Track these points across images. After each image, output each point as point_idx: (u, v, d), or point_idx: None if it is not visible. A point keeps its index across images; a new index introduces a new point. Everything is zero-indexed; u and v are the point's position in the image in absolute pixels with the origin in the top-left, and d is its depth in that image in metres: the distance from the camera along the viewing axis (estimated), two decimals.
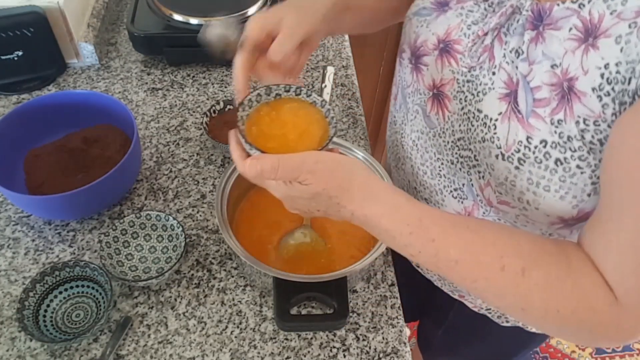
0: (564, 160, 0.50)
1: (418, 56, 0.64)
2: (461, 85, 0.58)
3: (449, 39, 0.59)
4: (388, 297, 0.70)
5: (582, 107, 0.47)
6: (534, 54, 0.51)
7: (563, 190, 0.52)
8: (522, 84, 0.51)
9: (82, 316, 0.65)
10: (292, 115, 0.56)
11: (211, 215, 0.77)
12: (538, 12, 0.51)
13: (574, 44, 0.48)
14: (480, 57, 0.56)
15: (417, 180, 0.70)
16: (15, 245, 0.72)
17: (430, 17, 0.62)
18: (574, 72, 0.48)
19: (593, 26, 0.47)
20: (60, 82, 0.96)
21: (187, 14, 0.96)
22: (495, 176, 0.57)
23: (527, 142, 0.51)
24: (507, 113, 0.53)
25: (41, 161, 0.76)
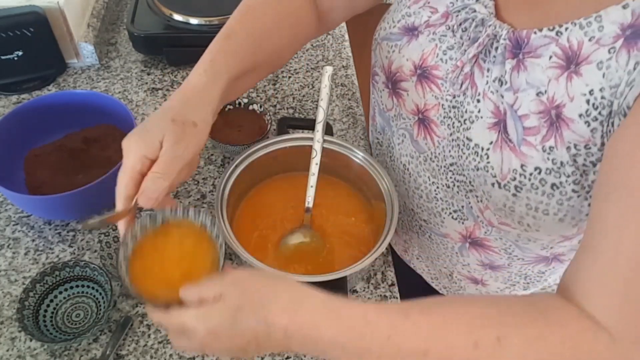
0: (559, 184, 0.50)
1: (395, 81, 0.63)
2: (447, 111, 0.58)
3: (426, 65, 0.59)
4: (388, 297, 0.70)
5: (572, 133, 0.48)
6: (517, 82, 0.51)
7: (562, 213, 0.52)
8: (509, 113, 0.51)
9: (82, 316, 0.65)
10: (179, 244, 0.52)
11: (211, 215, 0.77)
12: (516, 40, 0.51)
13: (557, 71, 0.48)
14: (462, 84, 0.56)
15: (414, 202, 0.70)
16: (15, 245, 0.72)
17: (401, 42, 0.62)
18: (561, 99, 0.48)
19: (573, 53, 0.47)
20: (60, 82, 0.96)
21: (187, 14, 0.96)
22: (493, 202, 0.56)
23: (522, 170, 0.51)
24: (498, 142, 0.53)
25: (41, 161, 0.76)
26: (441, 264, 0.76)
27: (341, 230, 0.72)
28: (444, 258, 0.74)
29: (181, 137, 0.50)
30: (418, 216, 0.71)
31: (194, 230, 0.53)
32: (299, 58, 1.05)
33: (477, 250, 0.67)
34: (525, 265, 0.67)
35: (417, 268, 0.82)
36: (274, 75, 1.01)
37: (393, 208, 0.66)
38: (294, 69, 1.02)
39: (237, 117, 0.87)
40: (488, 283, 0.73)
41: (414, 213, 0.72)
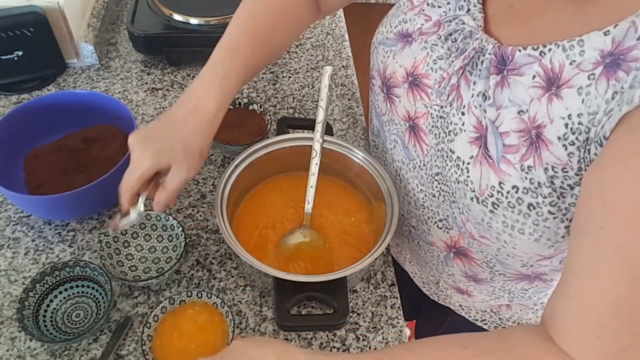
0: (536, 204, 0.50)
1: (389, 87, 0.64)
2: (435, 120, 0.58)
3: (417, 73, 0.59)
4: (388, 297, 0.70)
5: (550, 154, 0.47)
6: (500, 98, 0.51)
7: (537, 234, 0.52)
8: (491, 129, 0.51)
9: (82, 316, 0.65)
10: (193, 322, 0.63)
11: (211, 215, 0.77)
12: (501, 56, 0.51)
13: (539, 91, 0.48)
14: (448, 95, 0.56)
15: (404, 208, 0.70)
16: (15, 245, 0.72)
17: (395, 48, 0.62)
18: (541, 120, 0.48)
19: (555, 75, 0.47)
20: (60, 82, 0.96)
21: (187, 14, 0.96)
22: (472, 216, 0.57)
23: (500, 187, 0.51)
24: (479, 157, 0.53)
25: (41, 161, 0.76)
26: (429, 271, 0.76)
27: (341, 230, 0.72)
28: (430, 266, 0.74)
29: (190, 165, 0.58)
30: (407, 222, 0.72)
31: (207, 308, 0.64)
32: (299, 58, 1.05)
33: (461, 260, 0.67)
34: (507, 281, 0.67)
35: (410, 272, 0.82)
36: (274, 75, 1.01)
37: (393, 208, 0.66)
38: (294, 69, 1.02)
39: (237, 117, 0.87)
40: (473, 294, 0.73)
41: (404, 219, 0.72)
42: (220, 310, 0.63)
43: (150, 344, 0.60)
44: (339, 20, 1.15)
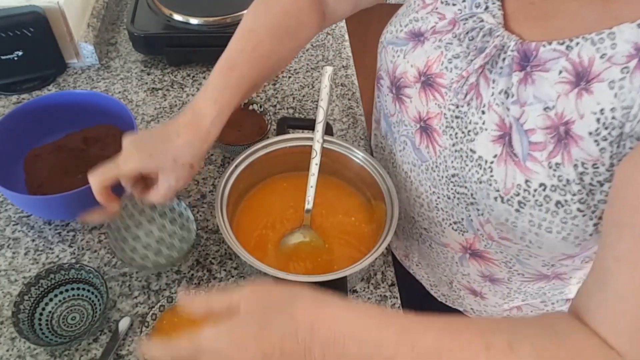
0: (564, 202, 0.49)
1: (399, 87, 0.62)
2: (450, 121, 0.57)
3: (430, 72, 0.58)
4: (388, 297, 0.70)
5: (580, 150, 0.46)
6: (524, 95, 0.50)
7: (565, 232, 0.51)
8: (515, 127, 0.50)
9: (78, 319, 0.65)
10: (192, 321, 0.59)
11: (211, 215, 0.77)
12: (524, 53, 0.50)
13: (566, 87, 0.47)
14: (466, 95, 0.54)
15: (415, 211, 0.69)
16: (15, 245, 0.72)
17: (406, 48, 0.60)
18: (570, 116, 0.47)
19: (584, 69, 0.46)
20: (60, 82, 0.96)
21: (187, 14, 0.96)
22: (495, 216, 0.55)
23: (527, 186, 0.50)
24: (502, 156, 0.52)
25: (41, 161, 0.76)
26: (441, 272, 0.75)
27: (341, 230, 0.72)
28: (443, 267, 0.73)
29: (179, 176, 0.59)
30: (419, 224, 0.71)
31: None
32: (299, 58, 1.05)
33: (477, 261, 0.66)
34: (525, 282, 0.66)
35: (417, 274, 0.81)
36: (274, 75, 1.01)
37: (393, 208, 0.66)
38: (294, 69, 1.02)
39: (237, 117, 0.87)
40: (487, 296, 0.72)
41: (414, 221, 0.71)
42: None
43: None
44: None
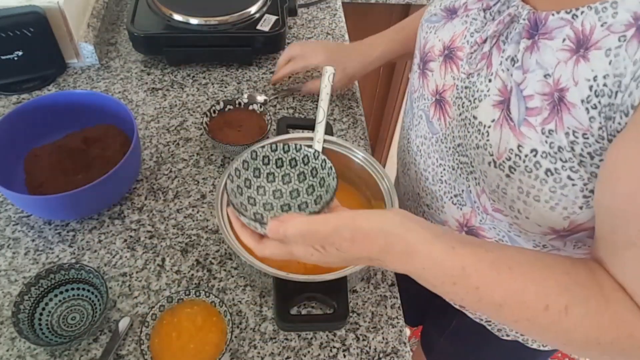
0: (554, 170, 0.50)
1: (425, 61, 0.65)
2: (459, 91, 0.59)
3: (453, 46, 0.60)
4: (388, 297, 0.70)
5: (572, 118, 0.47)
6: (528, 62, 0.51)
7: (553, 201, 0.52)
8: (515, 91, 0.52)
9: (78, 319, 0.65)
10: (191, 321, 0.62)
11: (211, 215, 0.77)
12: (534, 22, 0.51)
13: (566, 54, 0.48)
14: (478, 63, 0.56)
15: (420, 186, 0.71)
16: (15, 245, 0.72)
17: (438, 24, 0.63)
18: (565, 83, 0.48)
19: (585, 37, 0.47)
20: (60, 82, 0.96)
21: (187, 14, 0.96)
22: (488, 183, 0.57)
23: (518, 151, 0.51)
24: (499, 120, 0.53)
25: (41, 161, 0.76)
26: None
27: None
28: None
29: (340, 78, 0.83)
30: (422, 201, 0.72)
31: (205, 307, 0.63)
32: None
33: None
34: None
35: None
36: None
37: (393, 208, 0.66)
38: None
39: (237, 117, 0.87)
40: None
41: (419, 198, 0.72)
42: (218, 309, 0.63)
43: (149, 343, 0.60)
44: (339, 20, 1.15)
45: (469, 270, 0.46)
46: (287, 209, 0.55)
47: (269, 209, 0.54)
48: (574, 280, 0.47)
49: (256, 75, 1.00)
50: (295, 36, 1.10)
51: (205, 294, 0.64)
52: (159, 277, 0.70)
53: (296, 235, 0.44)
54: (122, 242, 0.73)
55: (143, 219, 0.76)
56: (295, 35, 1.10)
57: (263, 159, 0.53)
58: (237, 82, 0.99)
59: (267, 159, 0.54)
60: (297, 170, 0.55)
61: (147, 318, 0.61)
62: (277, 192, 0.55)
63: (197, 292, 0.64)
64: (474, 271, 0.46)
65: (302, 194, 0.55)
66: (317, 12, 1.17)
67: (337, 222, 0.45)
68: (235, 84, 0.98)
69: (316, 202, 0.57)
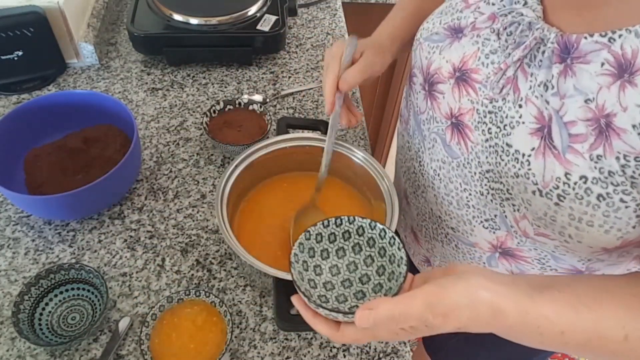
0: (606, 195, 0.48)
1: (432, 83, 0.62)
2: (482, 116, 0.57)
3: (466, 68, 0.58)
4: None
5: (622, 143, 0.46)
6: (564, 87, 0.49)
7: (608, 225, 0.50)
8: (555, 119, 0.50)
9: (78, 319, 0.65)
10: (191, 321, 0.62)
11: (211, 215, 0.77)
12: (564, 45, 0.49)
13: (608, 79, 0.46)
14: (502, 89, 0.54)
15: (442, 209, 0.68)
16: (15, 245, 0.72)
17: (443, 44, 0.61)
18: (612, 108, 0.46)
19: (627, 62, 0.45)
20: (60, 82, 0.96)
21: (187, 14, 0.96)
22: (532, 211, 0.55)
23: (566, 179, 0.49)
24: (540, 149, 0.51)
25: (41, 161, 0.76)
26: None
27: None
28: None
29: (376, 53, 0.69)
30: (445, 224, 0.70)
31: (205, 307, 0.64)
32: (299, 58, 1.05)
33: (507, 260, 0.66)
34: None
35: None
36: (274, 75, 1.01)
37: (393, 208, 0.66)
38: (294, 69, 1.02)
39: (237, 117, 0.87)
40: None
41: (441, 220, 0.70)
42: (218, 309, 0.63)
43: (149, 343, 0.60)
44: (339, 20, 1.15)
45: (552, 318, 0.45)
46: (348, 284, 0.52)
47: (330, 288, 0.52)
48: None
49: (256, 75, 1.00)
50: (295, 36, 1.10)
51: (205, 294, 0.64)
52: (159, 277, 0.70)
53: (387, 321, 0.42)
54: (122, 242, 0.73)
55: (143, 219, 0.76)
56: (295, 35, 1.10)
57: (316, 237, 0.52)
58: (237, 82, 0.99)
59: (320, 236, 0.52)
60: (351, 242, 0.53)
61: (147, 318, 0.61)
62: (334, 268, 0.53)
63: (197, 292, 0.64)
64: (557, 317, 0.45)
65: (360, 267, 0.53)
66: (317, 12, 1.17)
67: (426, 300, 0.42)
68: (235, 84, 0.98)
69: (378, 272, 0.53)
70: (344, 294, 0.52)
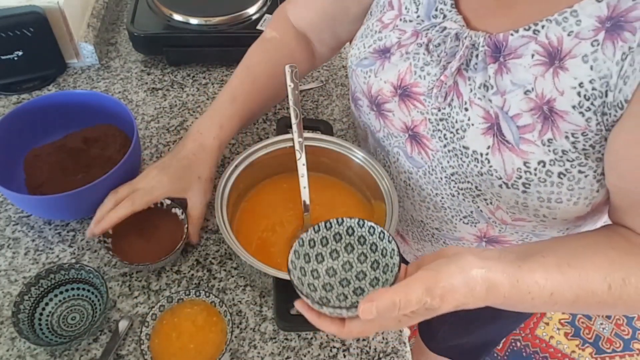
0: (565, 172, 0.51)
1: (378, 104, 0.64)
2: (435, 125, 0.59)
3: (405, 84, 0.60)
4: None
5: (567, 124, 0.49)
6: (502, 84, 0.51)
7: (575, 197, 0.53)
8: (501, 115, 0.52)
9: (78, 319, 0.65)
10: (191, 322, 0.62)
11: (211, 215, 0.77)
12: (494, 45, 0.52)
13: (541, 68, 0.49)
14: (446, 96, 0.56)
15: (422, 214, 0.71)
16: (15, 245, 0.72)
17: (374, 67, 0.63)
18: (550, 94, 0.49)
19: (554, 49, 0.48)
20: (60, 82, 0.96)
21: (187, 14, 0.96)
22: (504, 202, 0.57)
23: (526, 167, 0.52)
24: (495, 145, 0.53)
25: (41, 161, 0.76)
26: None
27: None
28: None
29: (206, 189, 0.69)
30: (429, 226, 0.72)
31: (205, 307, 0.64)
32: None
33: (494, 246, 0.68)
34: None
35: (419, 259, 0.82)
36: None
37: (393, 208, 0.66)
38: None
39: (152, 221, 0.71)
40: None
41: (424, 224, 0.72)
42: (218, 309, 0.63)
43: (149, 343, 0.60)
44: None
45: (541, 282, 0.48)
46: (346, 283, 0.54)
47: (329, 290, 0.54)
48: (619, 252, 0.50)
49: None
50: None
51: (205, 294, 0.64)
52: (159, 277, 0.70)
53: (389, 310, 0.43)
54: None
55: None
56: None
57: (309, 242, 0.53)
58: None
59: (313, 241, 0.53)
60: (342, 243, 0.54)
61: (147, 318, 0.61)
62: (330, 269, 0.54)
63: (197, 292, 0.64)
64: (545, 281, 0.48)
65: (355, 265, 0.55)
66: None
67: (424, 285, 0.44)
68: None
69: (373, 267, 0.54)
70: (344, 292, 0.53)
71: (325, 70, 1.02)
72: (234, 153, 0.86)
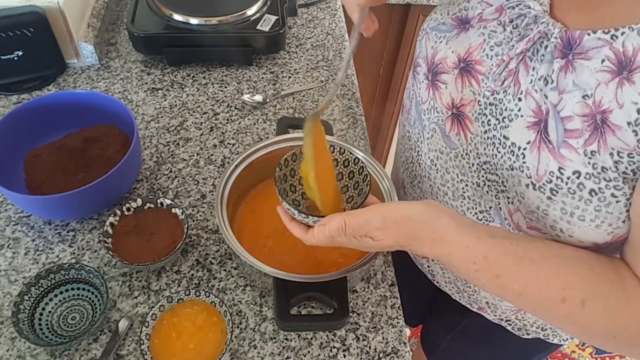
0: (598, 190, 0.49)
1: (436, 73, 0.62)
2: (483, 108, 0.57)
3: (471, 59, 0.58)
4: (388, 297, 0.70)
5: (617, 140, 0.46)
6: (563, 82, 0.49)
7: (599, 220, 0.51)
8: (552, 113, 0.50)
9: (78, 319, 0.65)
10: (191, 322, 0.63)
11: (211, 215, 0.77)
12: (567, 40, 0.49)
13: (607, 75, 0.47)
14: (504, 81, 0.55)
15: (437, 200, 0.69)
16: (15, 245, 0.72)
17: (450, 34, 0.61)
18: (608, 105, 0.46)
19: (627, 59, 0.45)
20: (60, 82, 0.96)
21: (187, 14, 0.97)
22: (525, 204, 0.55)
23: (559, 173, 0.50)
24: (536, 142, 0.51)
25: (41, 161, 0.76)
26: None
27: None
28: None
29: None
30: None
31: (205, 307, 0.64)
32: (299, 58, 1.05)
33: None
34: None
35: (433, 270, 0.79)
36: (274, 75, 1.01)
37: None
38: (294, 69, 1.02)
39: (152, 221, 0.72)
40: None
41: None
42: (218, 309, 0.63)
43: (149, 343, 0.60)
44: (339, 20, 1.15)
45: (492, 260, 0.49)
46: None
47: (306, 197, 0.61)
48: (597, 275, 0.49)
49: (256, 75, 1.01)
50: (295, 36, 1.10)
51: (205, 294, 0.64)
52: (159, 277, 0.70)
53: (337, 231, 0.50)
54: None
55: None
56: (295, 35, 1.10)
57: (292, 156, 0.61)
58: (237, 82, 0.99)
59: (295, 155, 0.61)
60: (336, 170, 0.62)
61: (147, 318, 0.61)
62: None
63: (197, 292, 0.64)
64: (496, 261, 0.49)
65: (345, 178, 0.63)
66: (317, 12, 1.17)
67: (369, 214, 0.49)
68: (235, 84, 0.98)
69: (347, 201, 0.63)
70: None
71: (325, 71, 1.02)
72: (234, 153, 0.86)
